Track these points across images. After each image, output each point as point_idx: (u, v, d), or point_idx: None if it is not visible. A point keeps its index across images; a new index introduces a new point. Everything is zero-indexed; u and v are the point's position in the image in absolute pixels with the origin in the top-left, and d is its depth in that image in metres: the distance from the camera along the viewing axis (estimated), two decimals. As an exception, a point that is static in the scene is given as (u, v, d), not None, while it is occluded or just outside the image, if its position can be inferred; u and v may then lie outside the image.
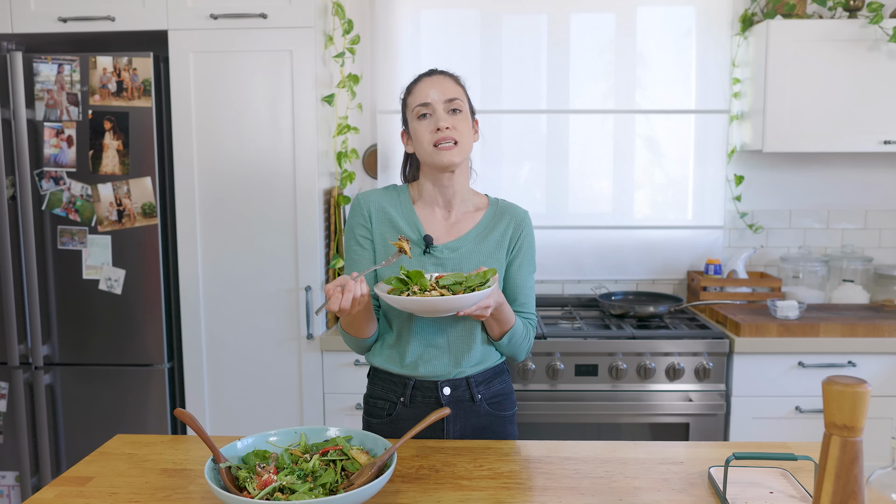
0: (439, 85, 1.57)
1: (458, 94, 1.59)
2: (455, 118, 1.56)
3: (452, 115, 1.57)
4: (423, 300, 1.37)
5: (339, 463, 1.28)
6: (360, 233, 1.63)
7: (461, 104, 1.58)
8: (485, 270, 1.46)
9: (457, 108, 1.57)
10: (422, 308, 1.41)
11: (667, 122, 3.01)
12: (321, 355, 2.59)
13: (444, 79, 1.60)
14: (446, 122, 1.55)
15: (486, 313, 1.45)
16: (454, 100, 1.57)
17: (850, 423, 0.92)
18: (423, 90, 1.58)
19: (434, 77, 1.60)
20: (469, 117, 1.61)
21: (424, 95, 1.57)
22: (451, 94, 1.57)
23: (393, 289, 1.45)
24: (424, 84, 1.59)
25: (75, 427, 2.66)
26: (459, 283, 1.44)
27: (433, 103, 1.56)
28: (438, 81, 1.59)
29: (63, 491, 1.32)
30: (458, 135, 1.56)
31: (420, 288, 1.43)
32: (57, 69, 2.50)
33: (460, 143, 1.56)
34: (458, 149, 1.56)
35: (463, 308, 1.40)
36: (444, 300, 1.37)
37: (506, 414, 1.69)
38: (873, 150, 2.70)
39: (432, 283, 1.45)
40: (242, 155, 2.56)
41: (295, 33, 2.49)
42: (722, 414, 2.52)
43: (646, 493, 1.30)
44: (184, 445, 1.55)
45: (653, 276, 3.10)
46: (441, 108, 1.56)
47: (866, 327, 2.52)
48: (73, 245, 2.57)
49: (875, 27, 2.64)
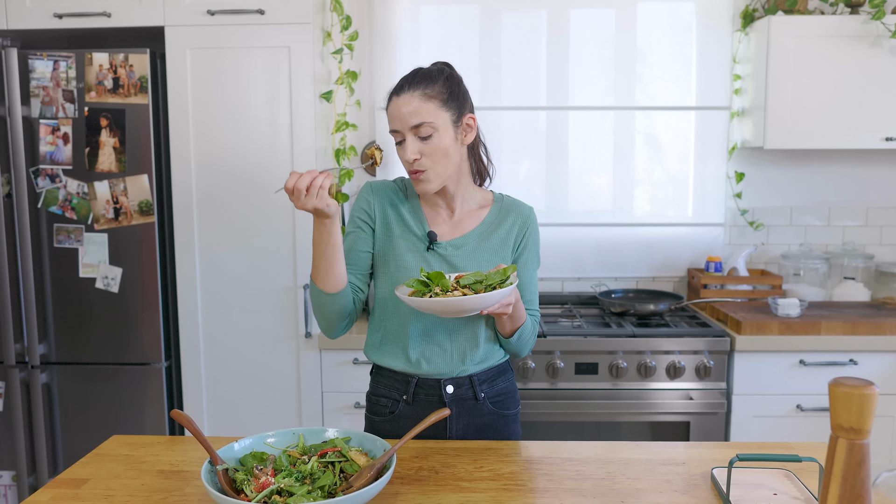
0: (405, 108, 1.48)
1: (425, 117, 1.47)
2: (424, 145, 1.49)
3: (422, 141, 1.49)
4: (448, 301, 1.34)
5: (338, 465, 1.27)
6: (360, 216, 1.61)
7: (430, 127, 1.48)
8: (504, 267, 1.43)
9: (424, 133, 1.48)
10: (446, 309, 1.37)
11: (667, 118, 2.99)
12: (320, 354, 2.58)
13: (411, 98, 1.48)
14: (413, 153, 1.48)
15: (508, 311, 1.43)
16: (420, 126, 1.47)
17: (857, 426, 0.90)
18: (392, 114, 1.50)
19: (401, 98, 1.49)
20: (446, 133, 1.50)
21: (393, 121, 1.50)
22: (416, 120, 1.47)
23: (414, 291, 1.43)
24: (392, 107, 1.50)
25: (72, 426, 2.65)
26: (480, 282, 1.41)
27: (401, 130, 1.49)
28: (405, 103, 1.48)
29: (59, 493, 1.31)
30: (427, 163, 1.50)
31: (442, 289, 1.40)
32: (52, 66, 2.47)
33: (431, 170, 1.50)
34: (430, 175, 1.51)
35: (487, 307, 1.37)
36: (469, 300, 1.33)
37: (509, 413, 1.67)
38: (875, 146, 2.69)
39: (453, 283, 1.42)
40: (240, 152, 2.54)
41: (293, 29, 2.47)
42: (723, 412, 2.51)
43: (648, 495, 1.29)
44: (181, 447, 1.53)
45: (653, 273, 3.09)
46: (409, 135, 1.49)
47: (868, 325, 2.51)
48: (70, 243, 2.55)
49: (877, 23, 2.62)
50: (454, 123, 1.52)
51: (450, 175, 1.54)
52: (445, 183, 1.55)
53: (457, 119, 1.52)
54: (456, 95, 1.53)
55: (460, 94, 1.54)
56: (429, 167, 1.50)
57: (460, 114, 1.53)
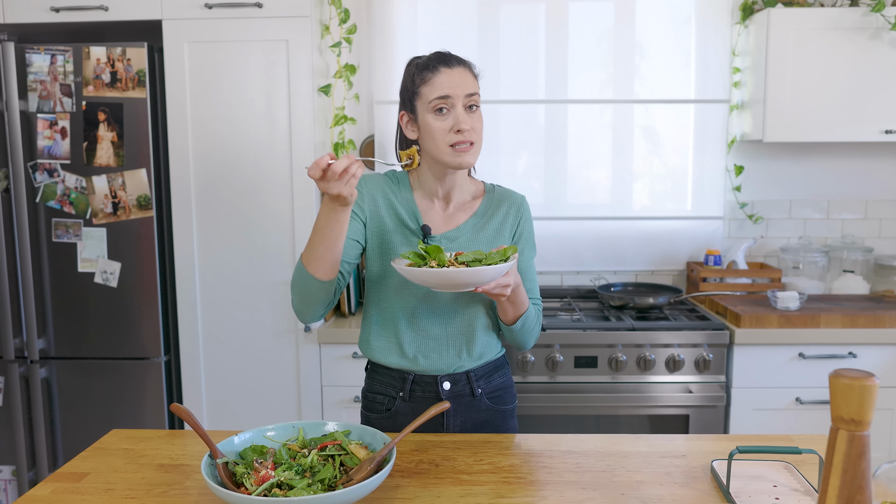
0: (461, 78, 1.48)
1: (476, 89, 1.51)
2: (473, 116, 1.50)
3: (470, 112, 1.50)
4: (442, 272, 1.33)
5: (338, 458, 1.26)
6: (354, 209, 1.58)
7: (478, 100, 1.51)
8: (505, 248, 1.42)
9: (474, 104, 1.50)
10: (440, 281, 1.35)
11: (666, 111, 2.98)
12: (319, 348, 2.58)
13: (465, 71, 1.50)
14: (467, 122, 1.48)
15: (506, 292, 1.41)
16: (473, 95, 1.49)
17: (857, 417, 0.90)
18: (442, 82, 1.48)
19: (455, 69, 1.50)
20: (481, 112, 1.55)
21: (445, 88, 1.47)
22: (471, 89, 1.49)
23: (411, 263, 1.41)
24: (444, 76, 1.48)
25: (72, 420, 2.65)
26: (479, 260, 1.39)
27: (454, 98, 1.48)
28: (459, 74, 1.49)
29: (59, 487, 1.31)
30: (475, 135, 1.50)
31: (438, 263, 1.39)
32: (50, 60, 2.47)
33: (476, 144, 1.51)
34: (475, 150, 1.51)
35: (482, 282, 1.35)
36: (463, 272, 1.32)
37: (506, 408, 1.67)
38: (874, 139, 2.69)
39: (451, 259, 1.41)
40: (238, 146, 2.53)
41: (291, 23, 2.47)
42: (722, 405, 2.52)
43: (648, 487, 1.29)
44: (180, 440, 1.53)
45: (652, 267, 3.09)
46: (460, 104, 1.48)
47: (867, 318, 2.51)
48: (68, 238, 2.55)
49: (877, 15, 2.62)
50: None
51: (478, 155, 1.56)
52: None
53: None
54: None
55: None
56: (475, 140, 1.51)
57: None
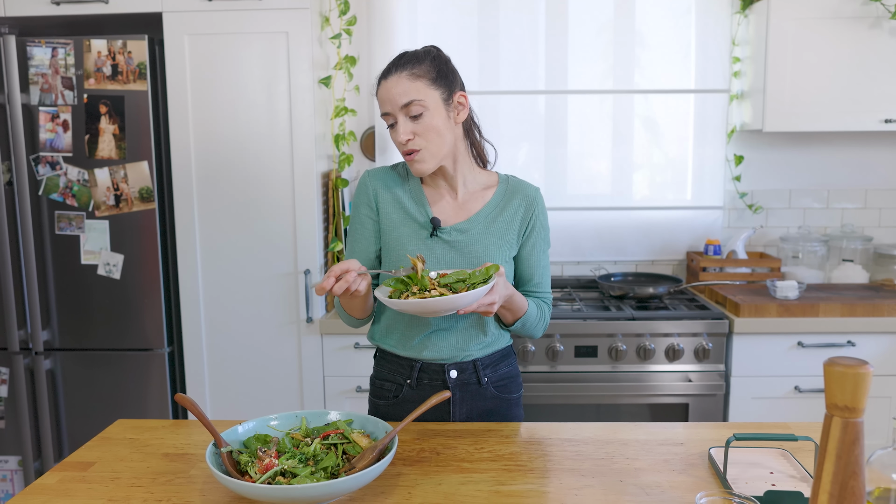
0: (394, 89, 1.48)
1: (414, 95, 1.47)
2: (416, 125, 1.49)
3: (413, 120, 1.49)
4: (420, 302, 1.35)
5: (341, 447, 1.28)
6: (364, 212, 1.61)
7: (420, 105, 1.48)
8: (488, 266, 1.43)
9: (415, 112, 1.48)
10: (420, 310, 1.39)
11: (666, 102, 2.99)
12: (321, 338, 2.60)
13: (398, 80, 1.49)
14: (406, 133, 1.48)
15: (491, 310, 1.43)
16: (410, 104, 1.48)
17: (851, 405, 0.91)
18: (381, 97, 1.51)
19: (389, 80, 1.50)
20: (437, 111, 1.50)
21: (383, 104, 1.51)
22: (406, 98, 1.47)
23: (393, 291, 1.44)
24: (381, 91, 1.51)
25: (77, 411, 2.67)
26: (463, 281, 1.41)
27: (393, 112, 1.50)
28: (393, 85, 1.49)
29: (65, 476, 1.33)
30: (421, 142, 1.50)
31: (420, 288, 1.41)
32: (51, 53, 2.47)
33: (426, 150, 1.50)
34: (425, 155, 1.51)
35: (462, 307, 1.37)
36: (440, 301, 1.34)
37: (512, 397, 1.68)
38: (874, 129, 2.69)
39: (434, 281, 1.43)
40: (239, 138, 2.54)
41: (291, 15, 2.47)
42: (721, 394, 2.53)
43: (646, 474, 1.31)
44: (185, 430, 1.55)
45: (652, 256, 3.10)
46: (400, 116, 1.49)
47: (866, 307, 2.52)
48: (71, 230, 2.56)
49: (877, 4, 2.61)
50: (445, 102, 1.51)
51: (445, 154, 1.54)
52: (442, 162, 1.55)
53: (447, 97, 1.52)
54: (444, 74, 1.52)
55: (448, 72, 1.54)
56: (423, 146, 1.50)
57: (450, 92, 1.52)
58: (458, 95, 1.54)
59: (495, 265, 1.45)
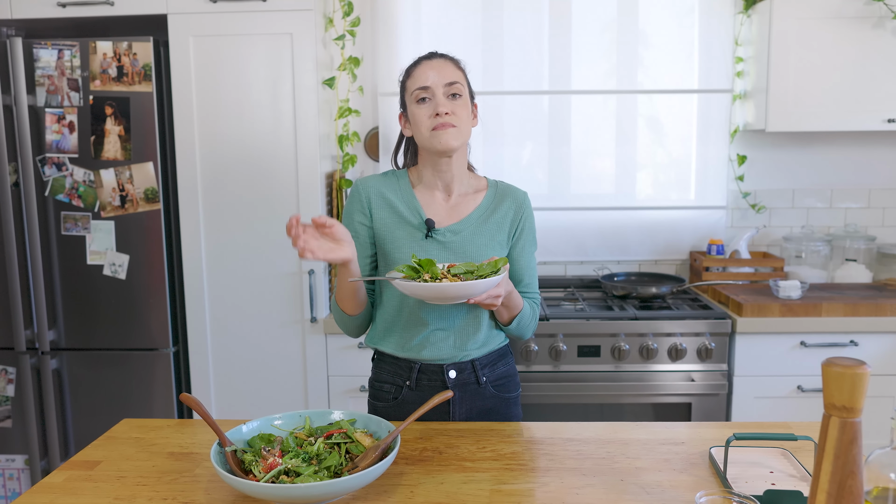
0: (439, 68, 1.55)
1: (457, 78, 1.56)
2: (454, 103, 1.55)
3: (452, 99, 1.55)
4: (434, 286, 1.38)
5: (344, 446, 1.29)
6: (358, 219, 1.63)
7: (461, 88, 1.56)
8: (496, 259, 1.46)
9: (456, 92, 1.55)
10: (432, 294, 1.41)
11: (669, 101, 2.99)
12: (325, 338, 2.61)
13: (444, 62, 1.58)
14: (445, 106, 1.53)
15: (496, 303, 1.46)
16: (454, 83, 1.55)
17: (848, 404, 0.92)
18: (422, 73, 1.56)
19: (434, 60, 1.58)
20: (468, 102, 1.59)
21: (424, 79, 1.55)
22: (451, 78, 1.55)
23: (405, 276, 1.46)
24: (424, 67, 1.57)
25: (83, 411, 2.69)
26: (471, 272, 1.44)
27: (432, 87, 1.54)
28: (438, 65, 1.56)
29: (72, 475, 1.34)
30: (456, 120, 1.54)
31: (431, 276, 1.43)
32: (57, 55, 2.49)
33: (459, 128, 1.55)
34: (457, 132, 1.54)
35: (473, 295, 1.40)
36: (455, 286, 1.37)
37: (510, 395, 1.70)
38: (877, 128, 2.69)
39: (444, 271, 1.45)
40: (244, 139, 2.55)
41: (295, 16, 2.48)
42: (724, 394, 2.54)
43: (647, 474, 1.32)
44: (190, 429, 1.56)
45: (655, 256, 3.10)
46: (440, 92, 1.54)
47: (868, 307, 2.52)
48: (77, 231, 2.58)
49: (880, 4, 2.61)
50: (471, 100, 1.62)
51: (464, 142, 1.59)
52: (463, 145, 1.59)
53: (471, 98, 1.63)
54: (469, 82, 1.64)
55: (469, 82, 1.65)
56: (457, 123, 1.55)
57: (472, 97, 1.64)
58: (474, 104, 1.65)
59: (503, 258, 1.48)
